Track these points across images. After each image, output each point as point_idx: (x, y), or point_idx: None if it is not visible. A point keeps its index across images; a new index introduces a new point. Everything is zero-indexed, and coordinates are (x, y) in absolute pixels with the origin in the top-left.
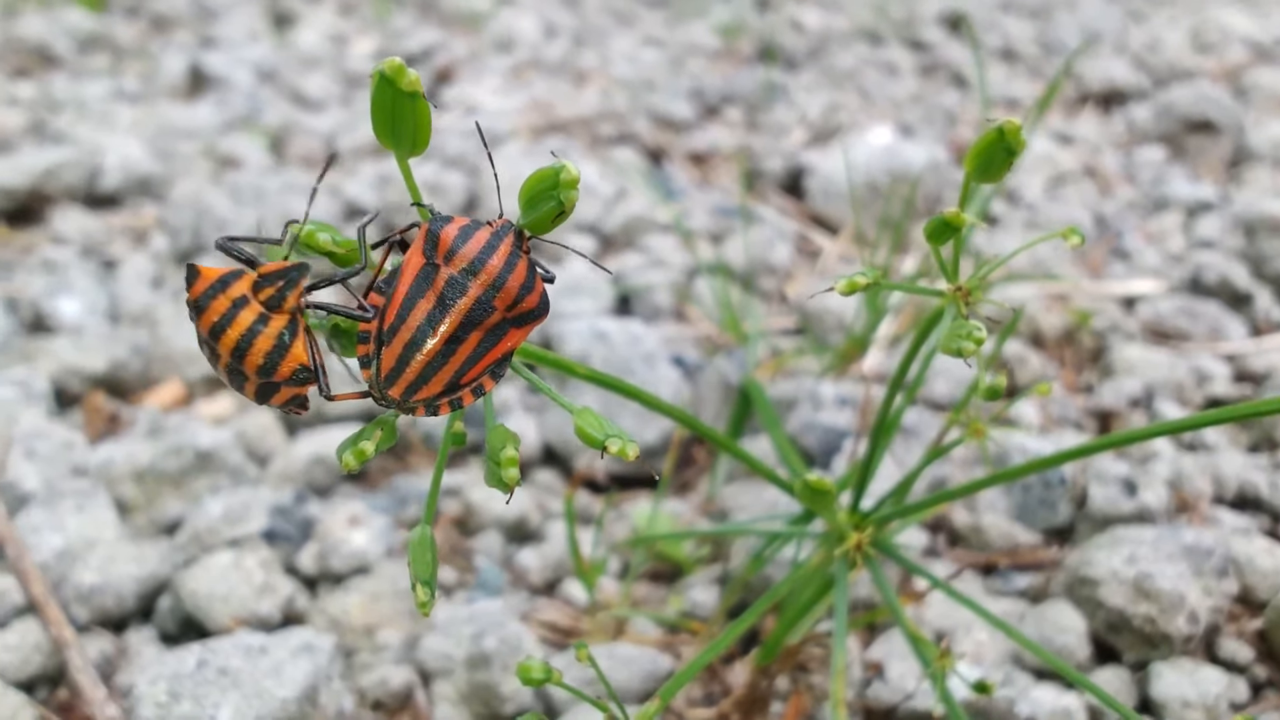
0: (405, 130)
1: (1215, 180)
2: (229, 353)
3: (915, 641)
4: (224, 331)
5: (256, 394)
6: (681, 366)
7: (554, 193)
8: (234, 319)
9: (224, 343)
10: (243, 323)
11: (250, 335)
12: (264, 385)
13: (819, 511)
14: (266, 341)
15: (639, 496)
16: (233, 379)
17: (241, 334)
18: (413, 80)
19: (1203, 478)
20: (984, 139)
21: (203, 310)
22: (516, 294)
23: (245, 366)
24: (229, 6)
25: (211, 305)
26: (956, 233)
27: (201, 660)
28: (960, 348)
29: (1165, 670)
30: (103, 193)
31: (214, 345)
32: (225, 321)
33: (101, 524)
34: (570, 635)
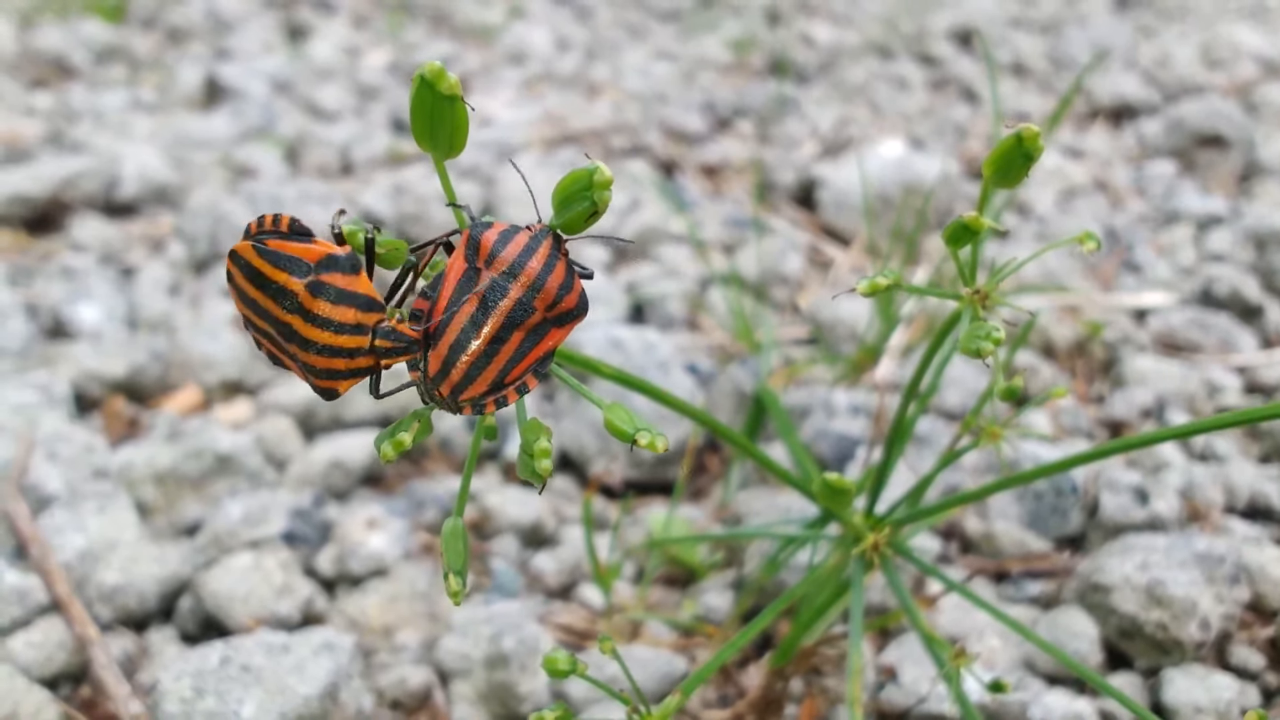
0: (443, 132)
1: (1226, 194)
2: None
3: (929, 642)
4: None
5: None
6: (695, 375)
7: (587, 193)
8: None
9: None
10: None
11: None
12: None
13: (836, 511)
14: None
15: (654, 502)
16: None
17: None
18: (452, 84)
19: (1214, 487)
20: (1003, 145)
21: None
22: (556, 294)
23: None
24: (244, 19)
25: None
26: (975, 236)
27: (225, 657)
28: (979, 348)
29: (1177, 676)
30: (120, 201)
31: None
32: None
33: (122, 525)
34: (586, 638)
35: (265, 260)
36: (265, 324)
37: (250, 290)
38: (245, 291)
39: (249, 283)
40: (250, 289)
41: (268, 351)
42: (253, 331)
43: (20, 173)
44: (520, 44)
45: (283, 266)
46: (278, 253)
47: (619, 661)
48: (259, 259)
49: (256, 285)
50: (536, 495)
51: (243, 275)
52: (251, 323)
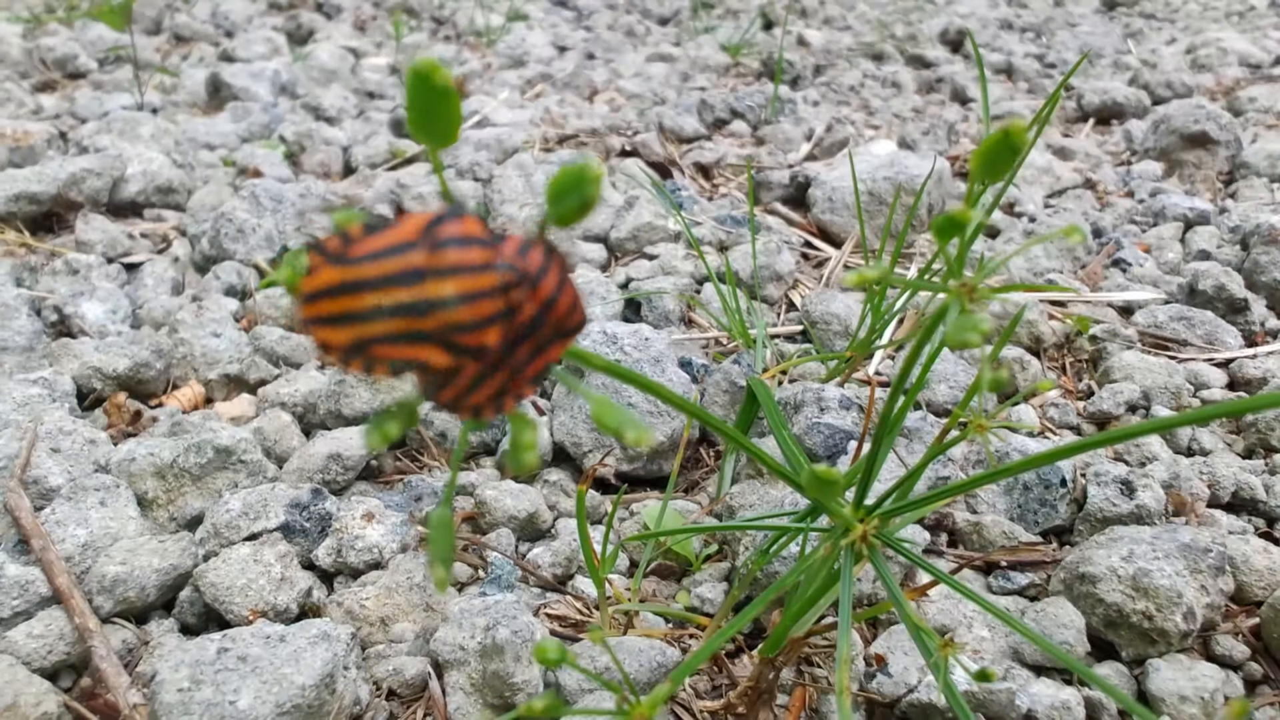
0: (438, 124)
1: (1211, 194)
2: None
3: (917, 632)
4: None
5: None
6: (689, 370)
7: (579, 189)
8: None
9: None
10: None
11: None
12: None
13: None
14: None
15: (648, 496)
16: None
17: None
18: (446, 78)
19: (1199, 480)
20: (990, 139)
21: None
22: (566, 311)
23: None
24: (248, 22)
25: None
26: (963, 229)
27: (222, 648)
28: (966, 339)
29: (1162, 666)
30: (125, 200)
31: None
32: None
33: (123, 519)
34: (580, 629)
35: (364, 264)
36: (386, 324)
37: (354, 304)
38: (347, 311)
39: (350, 298)
40: (354, 302)
41: (390, 359)
42: (362, 355)
43: (27, 172)
44: (520, 47)
45: (388, 256)
46: (373, 250)
47: (609, 651)
48: (355, 269)
49: (363, 293)
50: (532, 489)
51: (337, 298)
52: (361, 342)
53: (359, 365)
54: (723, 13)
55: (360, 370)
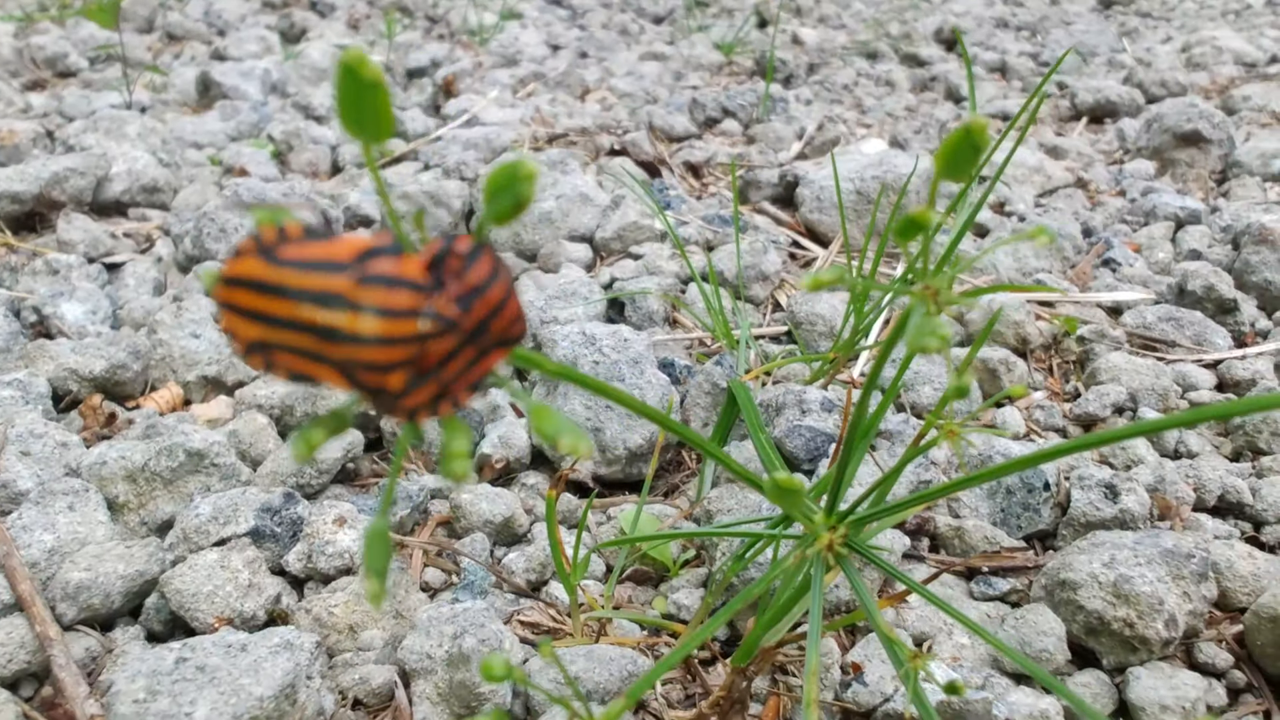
0: (368, 119)
1: (1203, 193)
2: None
3: (888, 643)
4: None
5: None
6: (671, 371)
7: (514, 186)
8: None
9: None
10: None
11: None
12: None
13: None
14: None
15: (626, 499)
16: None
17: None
18: (374, 70)
19: (1185, 484)
20: (952, 137)
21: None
22: (511, 320)
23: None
24: (241, 21)
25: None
26: (924, 230)
27: (180, 658)
28: (925, 344)
29: (1143, 674)
30: (109, 200)
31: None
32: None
33: (93, 523)
34: (552, 636)
35: (288, 269)
36: (294, 336)
37: (269, 306)
38: (260, 310)
39: (265, 298)
40: (269, 304)
41: (291, 369)
42: (265, 355)
43: (10, 171)
44: (514, 45)
45: (314, 270)
46: (303, 259)
47: (559, 667)
48: (279, 270)
49: (278, 298)
50: (509, 492)
51: (254, 293)
52: (267, 343)
53: (259, 362)
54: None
55: (259, 367)
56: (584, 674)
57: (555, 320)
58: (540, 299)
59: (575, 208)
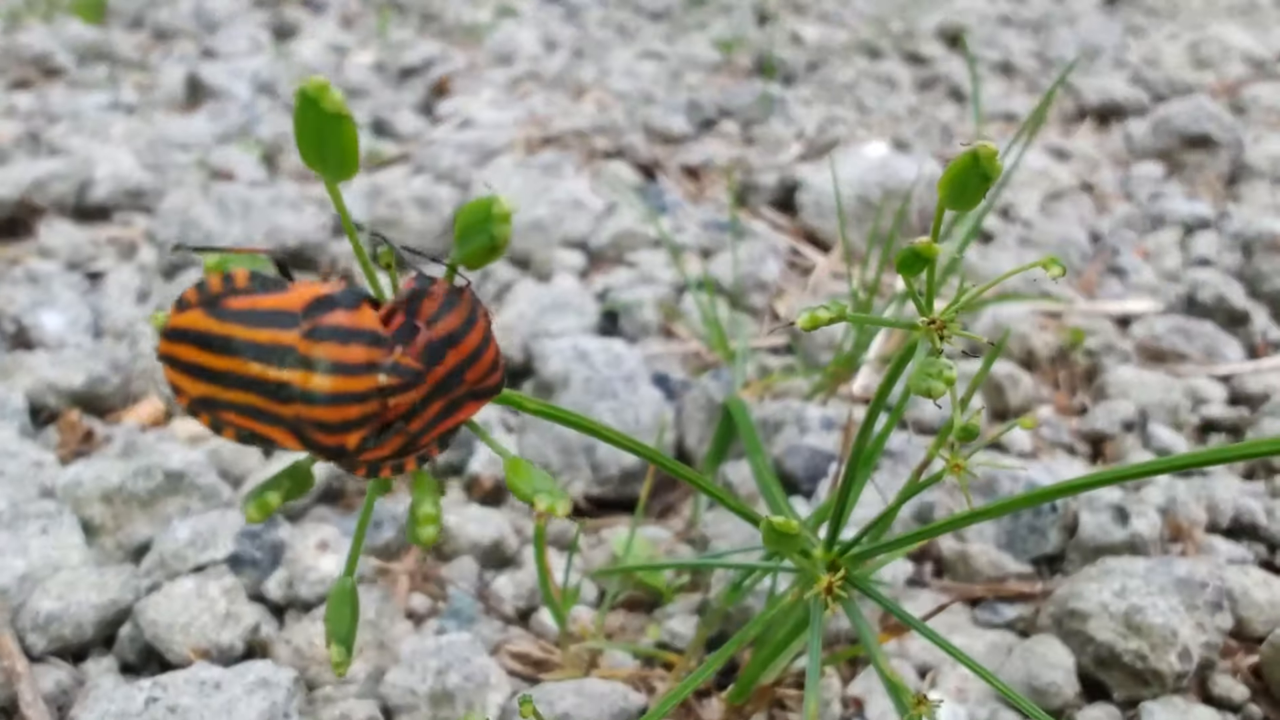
0: (332, 153)
1: (1213, 197)
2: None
3: (892, 687)
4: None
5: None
6: (666, 386)
7: (486, 226)
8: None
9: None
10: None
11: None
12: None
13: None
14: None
15: (620, 520)
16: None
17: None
18: (336, 101)
19: (1197, 505)
20: (957, 164)
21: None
22: (486, 370)
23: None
24: (231, 18)
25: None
26: (929, 264)
27: (151, 698)
28: (930, 388)
29: (1156, 709)
30: (92, 204)
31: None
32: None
33: (67, 547)
34: (541, 667)
35: (235, 323)
36: (241, 394)
37: (214, 361)
38: (205, 366)
39: (211, 354)
40: (215, 360)
41: (239, 427)
42: (212, 413)
43: None
44: (509, 44)
45: (262, 323)
46: (251, 310)
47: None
48: (225, 324)
49: (224, 353)
50: (498, 514)
51: (198, 348)
52: (213, 400)
53: (205, 421)
54: (716, 8)
55: (206, 424)
56: (574, 711)
57: (547, 333)
58: (531, 310)
59: (568, 214)
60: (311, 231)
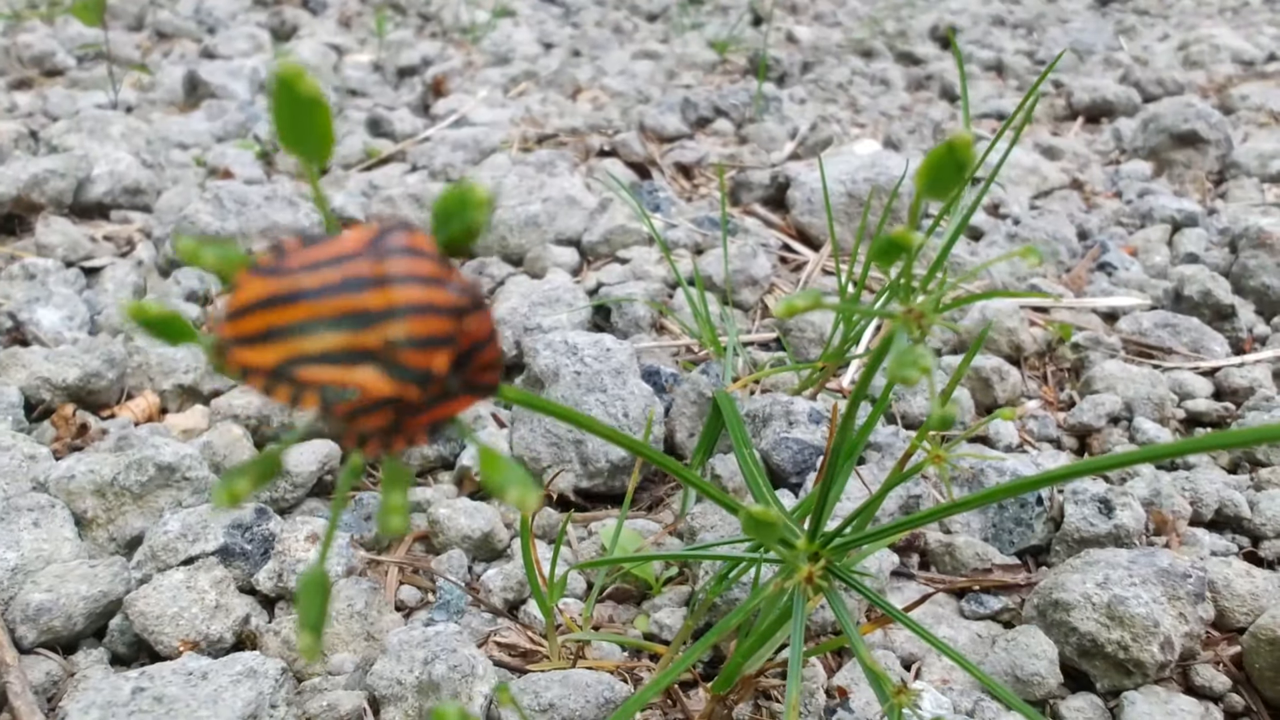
0: (307, 137)
1: (1201, 194)
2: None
3: (873, 676)
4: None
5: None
6: (657, 379)
7: (462, 213)
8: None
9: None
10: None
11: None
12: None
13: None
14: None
15: (609, 514)
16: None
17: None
18: (312, 86)
19: (1181, 497)
20: (934, 154)
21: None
22: (486, 365)
23: None
24: (232, 18)
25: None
26: (905, 252)
27: (138, 688)
28: (906, 376)
29: (1138, 699)
30: (90, 202)
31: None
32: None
33: (58, 540)
34: (529, 658)
35: (300, 274)
36: (320, 340)
37: (287, 315)
38: (277, 325)
39: (281, 309)
40: (287, 313)
41: (322, 385)
42: (290, 381)
43: None
44: (506, 44)
45: (328, 265)
46: (312, 260)
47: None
48: (289, 278)
49: (296, 303)
50: (488, 506)
51: (266, 311)
52: (291, 362)
53: (285, 393)
54: (711, 8)
55: (285, 399)
56: (559, 701)
57: (539, 328)
58: (524, 305)
59: (562, 211)
60: (307, 227)
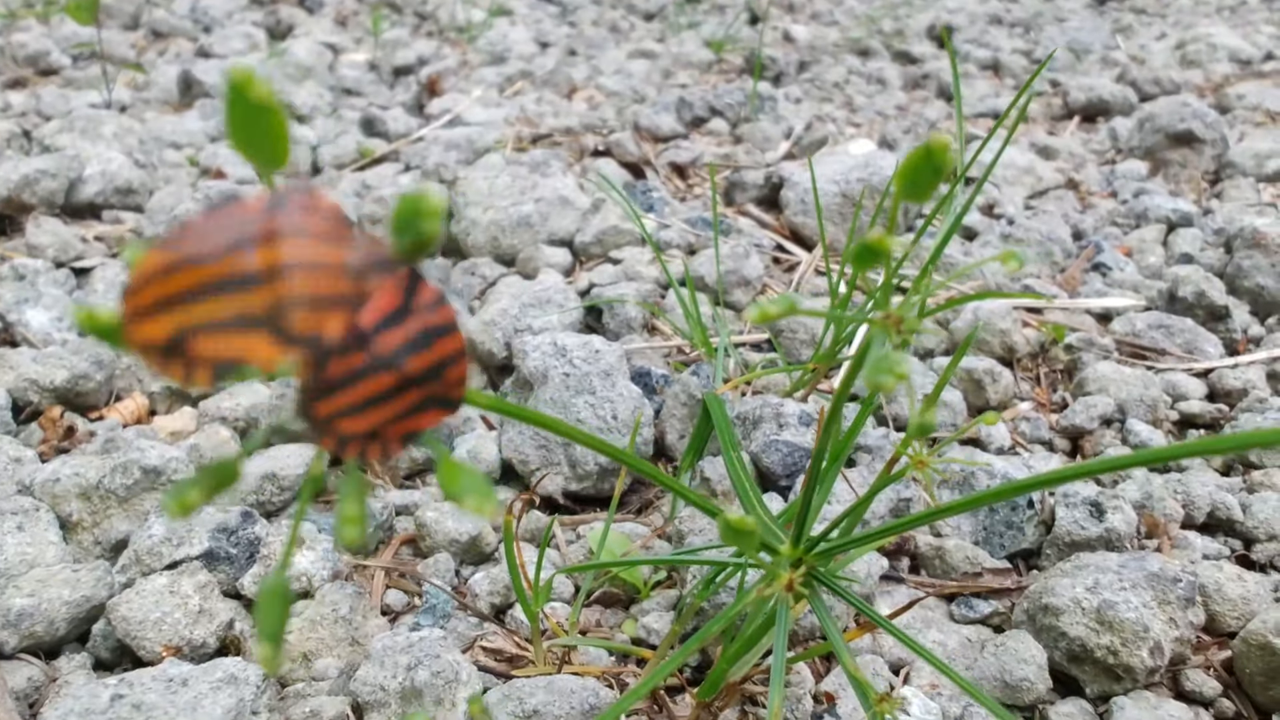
0: (261, 143)
1: (1196, 194)
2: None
3: (857, 684)
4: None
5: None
6: (647, 381)
7: (415, 222)
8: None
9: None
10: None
11: None
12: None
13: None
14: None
15: (598, 516)
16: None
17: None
18: (264, 91)
19: (1173, 500)
20: (911, 157)
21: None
22: (459, 376)
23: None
24: (228, 17)
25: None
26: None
27: (116, 694)
28: (881, 382)
29: (1127, 704)
30: (81, 202)
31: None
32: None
33: (43, 544)
34: (515, 663)
35: (191, 241)
36: (209, 306)
37: (175, 283)
38: (167, 295)
39: (171, 279)
40: (175, 281)
41: (214, 358)
42: (181, 356)
43: None
44: (502, 43)
45: (219, 230)
46: (205, 225)
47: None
48: (180, 246)
49: (184, 269)
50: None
51: (158, 283)
52: (182, 333)
53: (179, 369)
54: (708, 8)
55: (179, 375)
56: (543, 707)
57: (529, 329)
58: (515, 307)
59: (555, 211)
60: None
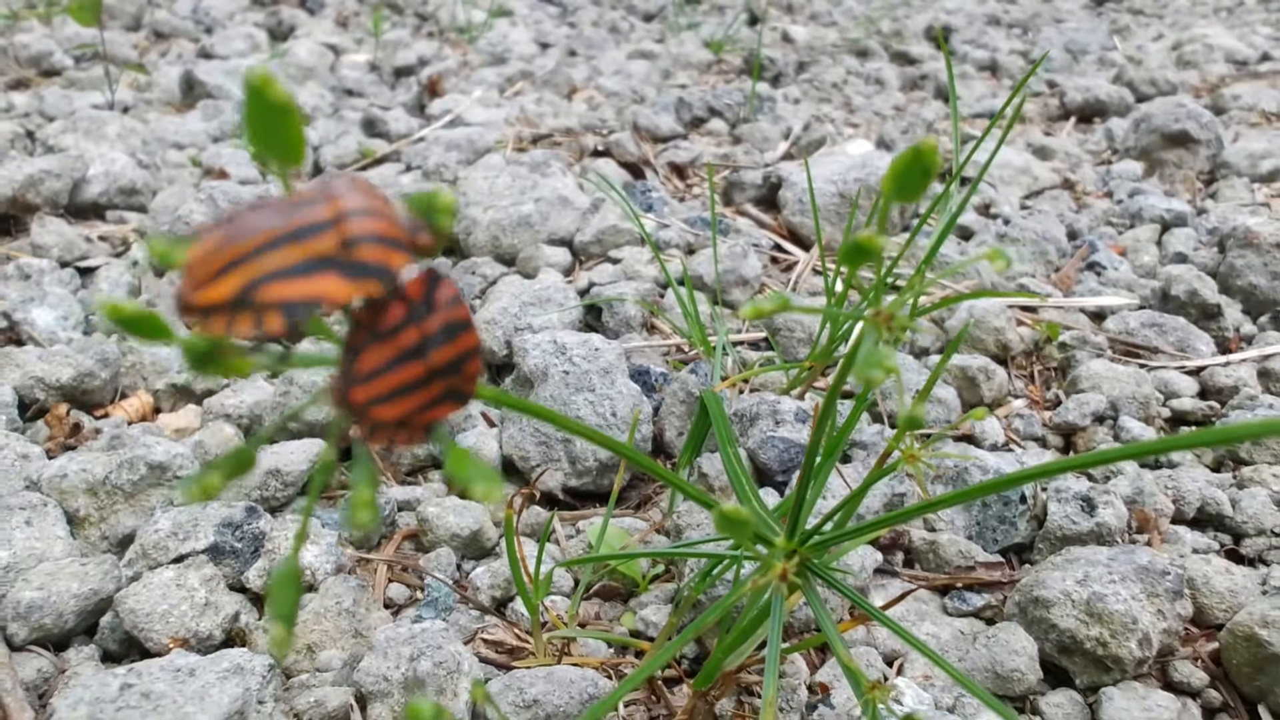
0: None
1: (1191, 194)
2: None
3: (849, 672)
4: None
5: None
6: (647, 379)
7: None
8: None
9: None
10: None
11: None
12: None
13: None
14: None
15: (597, 511)
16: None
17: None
18: (281, 92)
19: (1164, 495)
20: (900, 159)
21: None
22: (476, 371)
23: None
24: (230, 18)
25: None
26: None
27: (125, 684)
28: (870, 376)
29: (1116, 695)
30: (85, 202)
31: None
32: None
33: (50, 539)
34: (516, 655)
35: (248, 213)
36: (276, 256)
37: (239, 248)
38: (231, 258)
39: (234, 245)
40: (239, 247)
41: (284, 302)
42: (249, 307)
43: None
44: (502, 44)
45: (279, 207)
46: (259, 204)
47: (493, 706)
48: (239, 218)
49: (247, 235)
50: (477, 504)
51: (218, 250)
52: (249, 286)
53: (248, 319)
54: (708, 8)
55: (250, 328)
56: (543, 697)
57: (529, 328)
58: (515, 305)
59: (555, 211)
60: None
